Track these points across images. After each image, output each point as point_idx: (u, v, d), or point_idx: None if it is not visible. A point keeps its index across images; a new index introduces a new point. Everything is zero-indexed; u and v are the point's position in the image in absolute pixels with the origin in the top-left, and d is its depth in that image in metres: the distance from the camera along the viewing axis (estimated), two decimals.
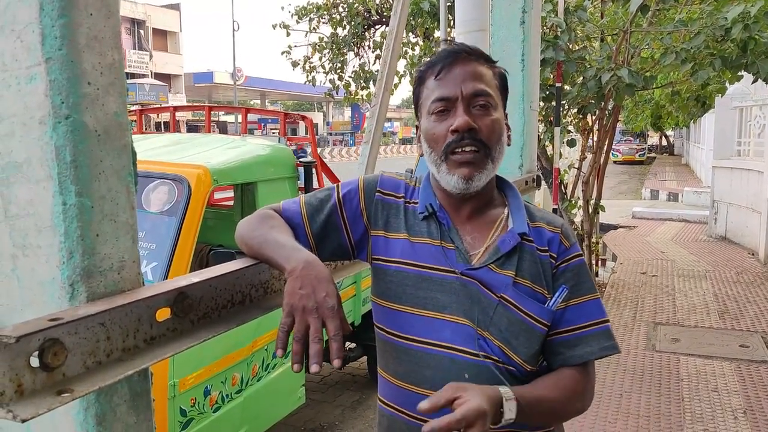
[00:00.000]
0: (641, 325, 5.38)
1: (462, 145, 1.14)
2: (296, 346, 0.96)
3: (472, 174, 1.14)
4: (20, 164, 0.78)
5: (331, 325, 0.96)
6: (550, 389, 1.11)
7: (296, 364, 0.95)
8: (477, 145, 1.14)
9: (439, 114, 1.17)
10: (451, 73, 1.17)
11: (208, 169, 2.90)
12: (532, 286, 1.15)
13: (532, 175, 2.92)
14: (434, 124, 1.17)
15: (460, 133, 1.13)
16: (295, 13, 9.18)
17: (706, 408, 3.80)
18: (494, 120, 1.16)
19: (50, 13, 0.74)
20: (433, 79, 1.19)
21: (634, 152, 28.02)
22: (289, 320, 0.98)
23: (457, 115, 1.14)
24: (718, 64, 4.78)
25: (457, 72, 1.16)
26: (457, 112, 1.14)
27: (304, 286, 0.99)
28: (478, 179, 1.15)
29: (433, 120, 1.17)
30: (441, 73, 1.17)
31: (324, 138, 43.73)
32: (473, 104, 1.15)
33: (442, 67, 1.17)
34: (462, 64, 1.17)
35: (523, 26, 2.87)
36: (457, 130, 1.13)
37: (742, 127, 9.64)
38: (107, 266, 0.81)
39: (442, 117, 1.16)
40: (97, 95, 0.79)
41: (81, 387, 0.73)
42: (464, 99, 1.15)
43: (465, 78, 1.16)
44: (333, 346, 0.95)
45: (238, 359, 2.98)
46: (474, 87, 1.15)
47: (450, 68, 1.17)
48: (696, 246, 8.81)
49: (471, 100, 1.15)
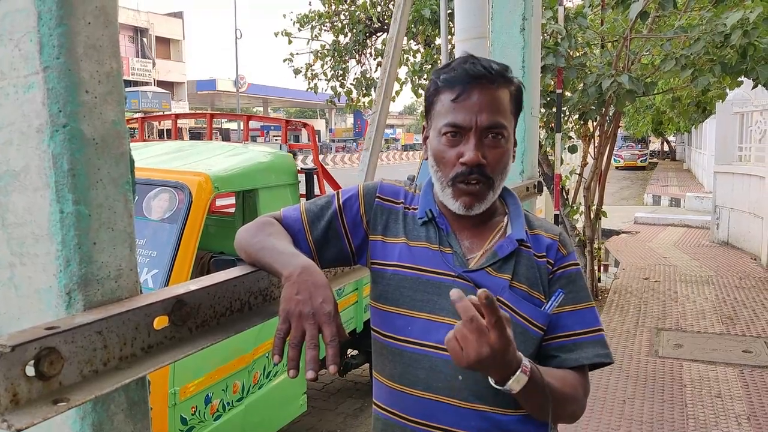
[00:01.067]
0: (644, 330, 5.36)
1: (469, 179, 1.14)
2: (292, 352, 0.96)
3: (473, 203, 1.16)
4: (18, 173, 0.78)
5: (327, 331, 0.96)
6: (558, 379, 1.10)
7: (292, 370, 0.95)
8: (482, 179, 1.14)
9: (450, 137, 1.15)
10: (469, 100, 1.13)
11: (209, 177, 2.90)
12: (529, 290, 1.16)
13: (534, 182, 2.92)
14: (444, 147, 1.16)
15: (468, 166, 1.13)
16: (297, 21, 9.22)
17: (709, 414, 3.78)
18: (504, 152, 1.16)
19: (48, 22, 0.74)
20: (449, 100, 1.15)
21: (636, 158, 28.03)
22: (286, 326, 0.98)
23: (468, 149, 1.12)
24: (718, 70, 4.78)
25: (475, 99, 1.13)
26: (469, 143, 1.13)
27: (301, 292, 0.99)
28: (478, 208, 1.17)
29: (444, 142, 1.16)
30: (458, 97, 1.14)
31: (327, 145, 43.81)
32: (486, 135, 1.14)
33: (461, 91, 1.13)
34: (481, 91, 1.13)
35: (523, 33, 2.88)
36: (466, 163, 1.13)
37: (743, 132, 9.64)
38: (104, 274, 0.81)
39: (453, 142, 1.15)
40: (95, 104, 0.79)
41: (77, 396, 0.72)
42: (477, 130, 1.13)
43: (482, 108, 1.12)
44: (329, 352, 0.95)
45: (240, 367, 2.97)
46: (490, 119, 1.13)
47: (469, 94, 1.13)
48: (698, 251, 8.79)
49: (484, 132, 1.14)
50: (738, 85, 5.39)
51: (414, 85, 8.05)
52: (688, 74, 4.98)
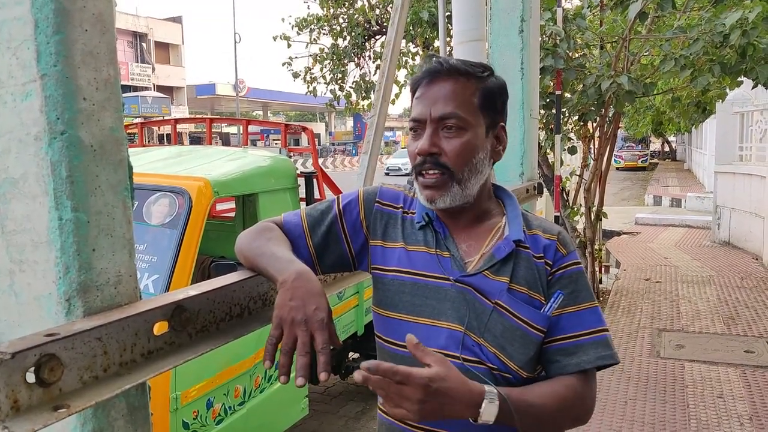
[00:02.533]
0: (645, 331, 5.36)
1: (425, 168, 1.16)
2: (283, 358, 0.97)
3: (434, 197, 1.16)
4: (16, 180, 0.79)
5: (319, 338, 0.96)
6: (544, 395, 1.09)
7: (282, 376, 0.96)
8: (440, 168, 1.15)
9: (413, 133, 1.19)
10: (426, 94, 1.17)
11: (209, 181, 2.90)
12: (528, 292, 1.14)
13: (533, 183, 2.92)
14: (410, 142, 1.20)
15: (422, 156, 1.15)
16: (296, 25, 9.24)
17: (711, 414, 3.77)
18: (463, 142, 1.15)
19: (45, 30, 0.75)
20: (414, 98, 1.20)
21: (637, 158, 27.99)
22: (278, 332, 0.99)
23: (423, 138, 1.15)
24: (717, 70, 4.79)
25: (431, 93, 1.16)
26: (424, 134, 1.16)
27: (294, 298, 0.99)
28: (442, 201, 1.16)
29: (410, 138, 1.20)
30: (418, 92, 1.19)
31: (327, 148, 43.83)
32: (442, 126, 1.15)
33: (419, 86, 1.18)
34: (438, 84, 1.16)
35: (522, 35, 2.88)
36: (419, 153, 1.15)
37: (743, 132, 9.64)
38: (104, 281, 0.81)
39: (416, 137, 1.18)
40: (93, 111, 0.79)
41: (78, 402, 0.73)
42: (432, 122, 1.15)
43: (436, 100, 1.15)
44: (320, 360, 0.96)
45: (241, 371, 2.97)
46: (442, 110, 1.14)
47: (427, 87, 1.17)
48: (699, 251, 8.78)
49: (439, 123, 1.15)
50: (738, 84, 5.40)
51: None
52: (687, 74, 4.98)
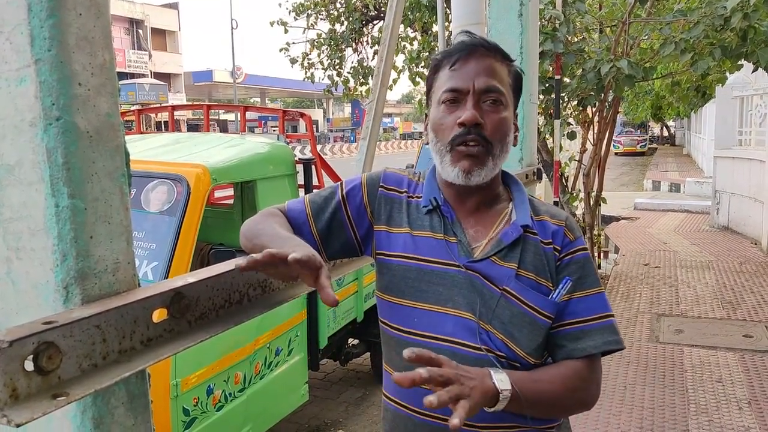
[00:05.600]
0: (644, 316, 5.37)
1: (467, 139, 1.14)
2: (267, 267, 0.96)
3: (472, 168, 1.14)
4: (12, 167, 0.78)
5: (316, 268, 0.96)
6: (551, 381, 1.10)
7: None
8: (481, 141, 1.14)
9: (449, 104, 1.17)
10: (466, 66, 1.16)
11: (207, 168, 2.89)
12: (536, 278, 1.14)
13: (533, 168, 2.91)
14: (443, 114, 1.17)
15: (466, 126, 1.13)
16: (293, 10, 9.16)
17: (710, 399, 3.80)
18: (502, 118, 1.16)
19: (39, 14, 0.73)
20: (447, 69, 1.18)
21: (636, 143, 27.94)
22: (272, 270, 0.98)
23: (466, 109, 1.14)
24: (717, 54, 4.75)
25: (472, 65, 1.16)
26: (467, 105, 1.14)
27: None
28: (477, 174, 1.15)
29: (443, 110, 1.18)
30: (456, 64, 1.17)
31: (325, 135, 43.67)
32: (484, 99, 1.15)
33: (458, 59, 1.17)
34: (478, 58, 1.17)
35: (521, 18, 2.86)
36: (464, 123, 1.13)
37: (743, 116, 9.60)
38: (102, 268, 0.81)
39: (452, 108, 1.16)
40: (88, 96, 0.78)
41: (77, 390, 0.72)
42: (475, 93, 1.15)
43: (479, 72, 1.15)
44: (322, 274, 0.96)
45: (241, 357, 2.98)
46: (487, 82, 1.15)
47: (466, 60, 1.17)
48: (698, 236, 8.79)
49: (482, 96, 1.15)
50: (738, 68, 5.36)
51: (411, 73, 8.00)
52: (687, 58, 4.95)
